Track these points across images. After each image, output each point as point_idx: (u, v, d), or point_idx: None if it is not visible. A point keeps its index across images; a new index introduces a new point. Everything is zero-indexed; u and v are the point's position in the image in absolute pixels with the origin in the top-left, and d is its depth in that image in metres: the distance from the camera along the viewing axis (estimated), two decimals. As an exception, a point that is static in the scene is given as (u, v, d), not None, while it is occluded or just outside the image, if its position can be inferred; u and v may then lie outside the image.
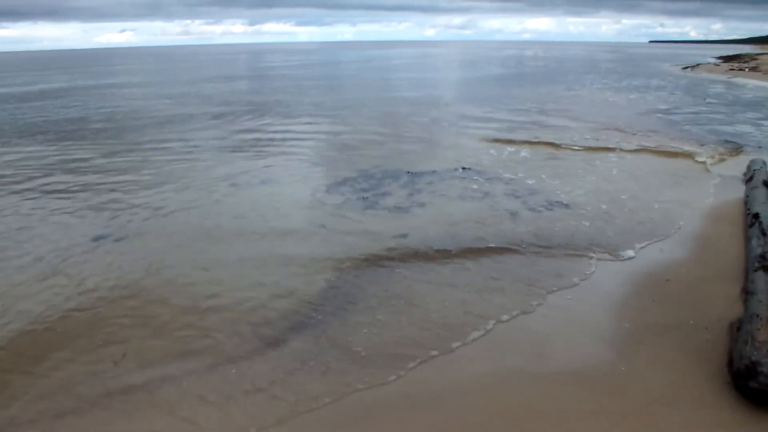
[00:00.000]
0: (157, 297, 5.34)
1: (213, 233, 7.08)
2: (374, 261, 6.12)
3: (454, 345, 4.45)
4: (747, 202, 7.60)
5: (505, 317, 4.86)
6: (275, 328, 4.76)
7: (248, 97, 24.57)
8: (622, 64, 55.75)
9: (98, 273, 5.85)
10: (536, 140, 12.92)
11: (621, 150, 11.89)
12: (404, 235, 6.83)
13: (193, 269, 6.00)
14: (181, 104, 21.69)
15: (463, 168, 10.18)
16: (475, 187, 9.03)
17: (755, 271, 5.20)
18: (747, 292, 4.90)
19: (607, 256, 6.20)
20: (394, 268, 5.95)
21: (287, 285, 5.55)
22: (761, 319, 4.24)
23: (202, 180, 9.68)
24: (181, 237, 6.97)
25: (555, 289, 5.40)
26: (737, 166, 10.19)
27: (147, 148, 12.80)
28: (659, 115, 17.67)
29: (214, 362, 4.26)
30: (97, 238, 6.86)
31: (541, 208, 7.89)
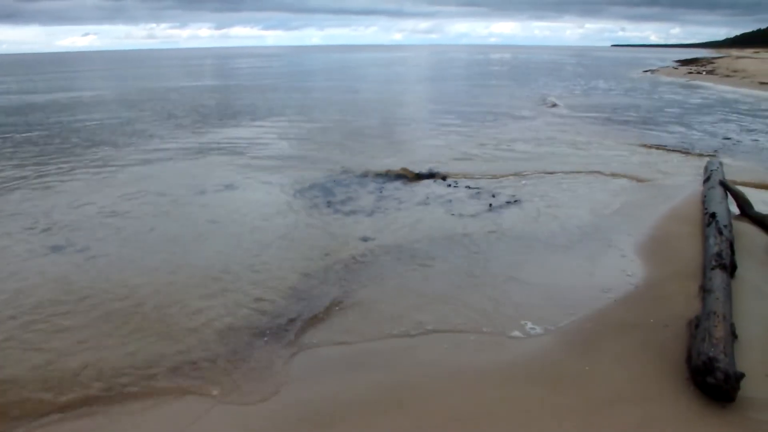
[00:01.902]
0: (123, 305, 5.21)
1: (178, 240, 6.96)
2: (340, 264, 6.13)
3: (413, 347, 4.46)
4: (705, 201, 7.82)
5: (466, 320, 4.88)
6: (240, 335, 4.70)
7: (213, 102, 24.24)
8: (587, 68, 56.97)
9: (56, 282, 5.69)
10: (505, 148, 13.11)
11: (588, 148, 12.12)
12: (369, 239, 6.83)
13: (157, 275, 5.88)
14: (145, 110, 21.27)
15: (431, 172, 10.23)
16: (440, 191, 9.10)
17: (712, 269, 5.34)
18: (705, 290, 5.02)
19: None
20: (359, 271, 5.96)
21: (252, 291, 5.49)
22: (718, 316, 4.36)
23: (166, 187, 9.49)
24: (145, 244, 6.83)
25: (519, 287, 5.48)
26: (696, 166, 10.50)
27: (110, 154, 12.50)
28: (617, 117, 18.16)
29: (176, 366, 4.19)
30: (56, 248, 6.67)
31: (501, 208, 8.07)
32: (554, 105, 21.53)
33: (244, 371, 4.21)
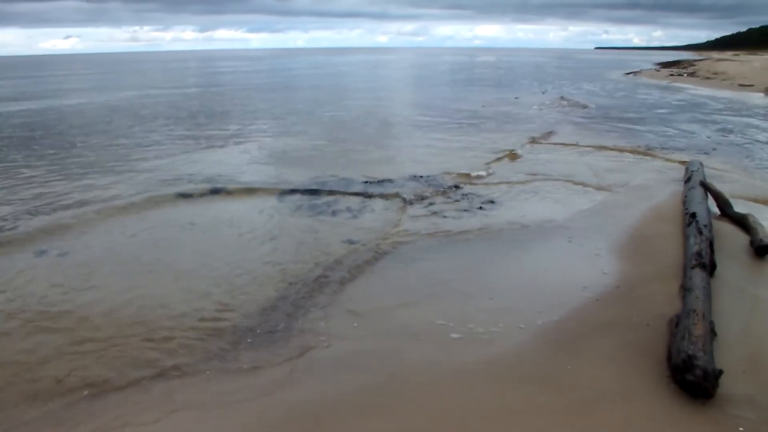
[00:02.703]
0: (101, 311, 5.16)
1: (160, 244, 6.91)
2: (326, 267, 6.14)
3: (400, 348, 4.48)
4: (685, 202, 7.94)
5: (447, 320, 4.91)
6: (224, 338, 4.69)
7: (197, 104, 24.08)
8: (571, 70, 57.54)
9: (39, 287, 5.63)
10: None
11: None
12: (354, 242, 6.84)
13: (139, 281, 5.84)
14: (127, 111, 21.10)
15: (417, 176, 10.25)
16: (422, 193, 9.12)
17: (692, 268, 5.43)
18: (685, 289, 5.10)
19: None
20: (343, 273, 5.97)
21: (236, 296, 5.47)
22: (697, 314, 4.43)
23: (148, 190, 9.42)
24: (127, 249, 6.78)
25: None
26: (677, 167, 10.66)
27: (91, 159, 12.37)
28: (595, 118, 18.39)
29: (158, 374, 4.17)
30: (40, 253, 6.60)
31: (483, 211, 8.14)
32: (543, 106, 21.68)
33: (231, 374, 4.19)
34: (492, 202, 8.62)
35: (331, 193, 9.17)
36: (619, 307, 5.08)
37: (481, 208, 8.28)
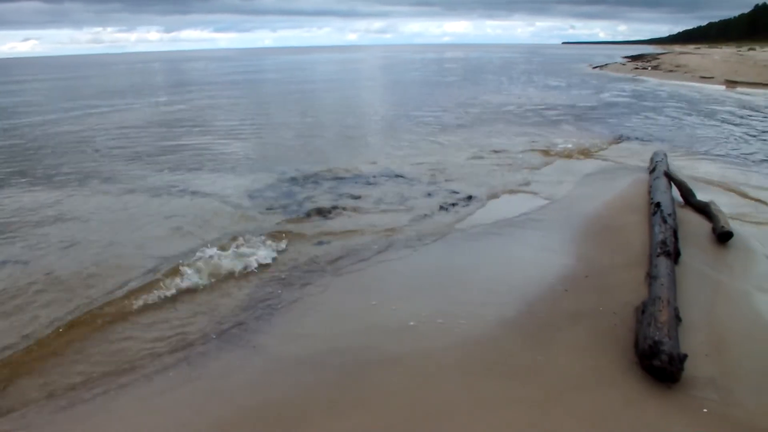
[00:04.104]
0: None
1: (128, 246, 6.78)
2: (296, 265, 6.12)
3: (371, 345, 4.50)
4: (650, 191, 8.12)
5: (422, 315, 4.94)
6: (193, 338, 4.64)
7: (163, 104, 23.66)
8: (540, 65, 58.28)
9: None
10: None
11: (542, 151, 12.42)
12: (325, 242, 6.82)
13: (111, 280, 5.73)
14: (91, 114, 20.61)
15: (395, 174, 10.27)
16: (396, 190, 9.14)
17: (658, 256, 5.56)
18: (651, 277, 5.22)
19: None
20: (315, 271, 5.96)
21: (208, 297, 5.40)
22: (663, 301, 4.55)
23: (119, 191, 9.24)
24: (96, 249, 6.65)
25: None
26: (643, 158, 10.91)
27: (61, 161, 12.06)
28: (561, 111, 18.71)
29: (132, 380, 4.09)
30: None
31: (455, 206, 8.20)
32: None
33: (197, 375, 4.14)
34: (471, 197, 8.65)
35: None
36: (588, 296, 5.17)
37: (454, 204, 8.32)
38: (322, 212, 7.93)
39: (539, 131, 14.81)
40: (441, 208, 8.14)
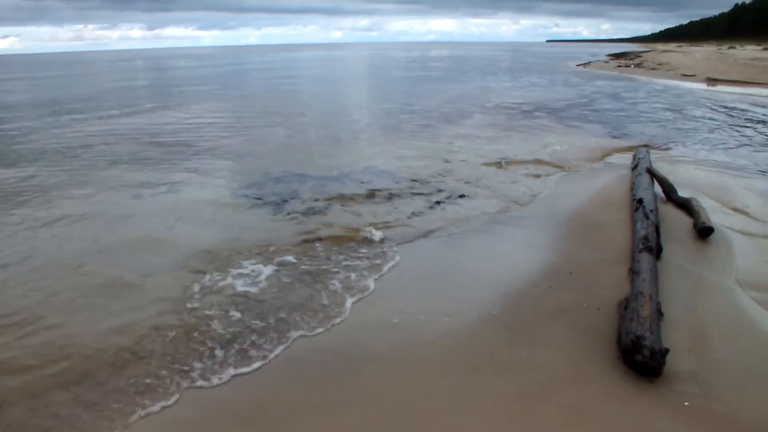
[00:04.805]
0: (49, 320, 4.94)
1: (112, 245, 6.67)
2: (280, 262, 6.08)
3: (356, 342, 4.49)
4: (633, 188, 8.19)
5: (406, 312, 4.94)
6: (180, 339, 4.57)
7: (144, 102, 23.30)
8: (525, 63, 58.59)
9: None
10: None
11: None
12: (309, 240, 6.78)
13: (91, 282, 5.64)
14: (72, 110, 20.29)
15: (380, 171, 10.23)
16: (381, 187, 9.12)
17: (640, 252, 5.62)
18: (633, 272, 5.27)
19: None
20: (300, 267, 5.93)
21: (188, 299, 5.31)
22: (645, 296, 4.59)
23: (102, 192, 9.10)
24: (77, 250, 6.54)
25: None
26: (625, 156, 11.00)
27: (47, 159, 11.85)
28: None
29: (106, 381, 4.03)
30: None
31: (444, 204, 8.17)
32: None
33: (182, 376, 4.09)
34: (462, 195, 8.64)
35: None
36: (572, 292, 5.21)
37: (439, 203, 8.31)
38: (306, 213, 7.88)
39: (534, 126, 14.87)
40: (427, 205, 8.12)
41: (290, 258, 6.22)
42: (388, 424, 3.54)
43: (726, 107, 18.90)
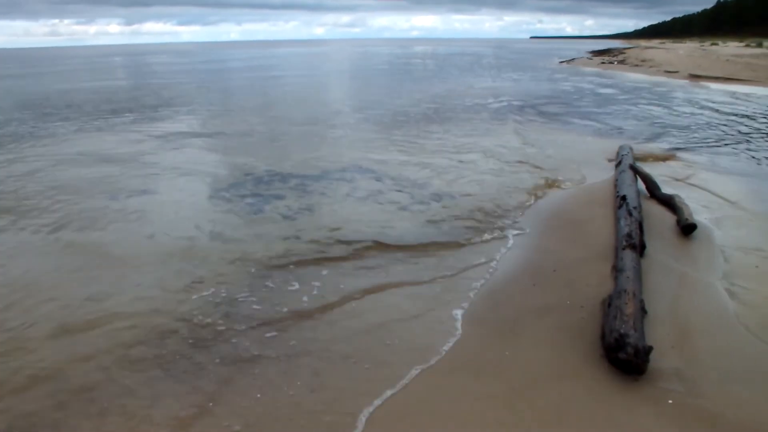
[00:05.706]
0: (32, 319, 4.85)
1: (88, 248, 6.55)
2: (259, 264, 5.99)
3: (341, 340, 4.45)
4: (616, 185, 8.21)
5: (390, 313, 4.89)
6: (167, 339, 4.51)
7: (122, 102, 22.88)
8: (509, 60, 58.77)
9: None
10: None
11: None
12: (295, 239, 6.70)
13: (70, 286, 5.53)
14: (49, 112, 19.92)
15: (360, 168, 10.15)
16: (364, 185, 9.05)
17: (623, 249, 5.62)
18: (617, 270, 5.27)
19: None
20: (282, 268, 5.86)
21: (169, 300, 5.23)
22: (628, 293, 4.59)
23: (77, 193, 8.92)
24: (56, 254, 6.41)
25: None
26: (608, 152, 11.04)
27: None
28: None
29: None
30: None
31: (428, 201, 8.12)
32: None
33: (168, 382, 4.01)
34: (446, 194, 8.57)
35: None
36: (556, 290, 5.20)
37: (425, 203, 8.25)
38: (287, 208, 7.80)
39: (527, 121, 14.89)
40: (412, 203, 8.08)
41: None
42: (371, 422, 3.50)
43: (710, 102, 19.10)
